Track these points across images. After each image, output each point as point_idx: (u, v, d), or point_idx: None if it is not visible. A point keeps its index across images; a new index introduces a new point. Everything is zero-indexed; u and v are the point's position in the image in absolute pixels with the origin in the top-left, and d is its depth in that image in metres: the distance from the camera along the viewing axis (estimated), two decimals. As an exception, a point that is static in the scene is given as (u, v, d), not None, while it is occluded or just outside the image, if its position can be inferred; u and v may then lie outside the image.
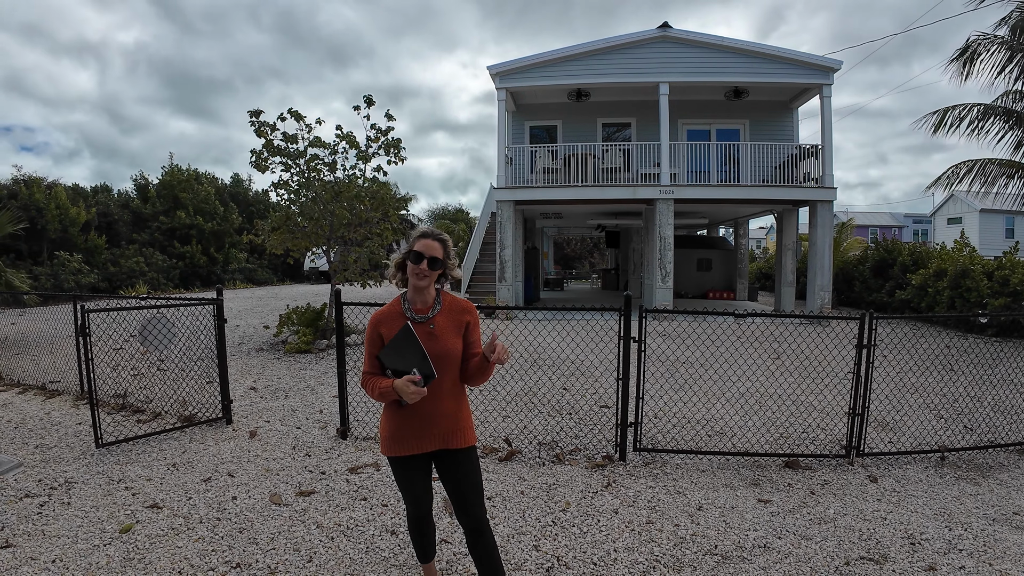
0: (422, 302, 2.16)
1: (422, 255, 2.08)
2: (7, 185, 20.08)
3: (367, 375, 2.13)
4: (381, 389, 2.03)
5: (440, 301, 2.19)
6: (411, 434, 2.12)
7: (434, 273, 2.11)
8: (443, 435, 2.15)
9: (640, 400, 4.18)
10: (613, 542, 3.00)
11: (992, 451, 4.42)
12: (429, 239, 2.11)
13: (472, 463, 2.20)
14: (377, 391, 2.05)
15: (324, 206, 8.97)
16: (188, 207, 24.23)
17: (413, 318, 2.11)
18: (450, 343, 2.13)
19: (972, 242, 12.95)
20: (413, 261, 2.09)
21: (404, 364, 2.00)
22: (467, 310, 2.23)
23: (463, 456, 2.19)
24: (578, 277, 37.68)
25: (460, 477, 2.17)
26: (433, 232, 2.14)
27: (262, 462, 4.11)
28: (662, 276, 12.98)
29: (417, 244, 2.10)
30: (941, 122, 10.62)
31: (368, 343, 2.14)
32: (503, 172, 13.61)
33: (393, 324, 2.09)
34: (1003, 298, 10.10)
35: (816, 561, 2.81)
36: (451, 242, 2.21)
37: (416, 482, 2.21)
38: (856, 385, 4.15)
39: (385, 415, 2.20)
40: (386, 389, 2.02)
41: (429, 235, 2.13)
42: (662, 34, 13.13)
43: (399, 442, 2.14)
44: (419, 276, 2.09)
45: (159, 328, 5.35)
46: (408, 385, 1.95)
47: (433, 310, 2.16)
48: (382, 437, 2.19)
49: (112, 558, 2.78)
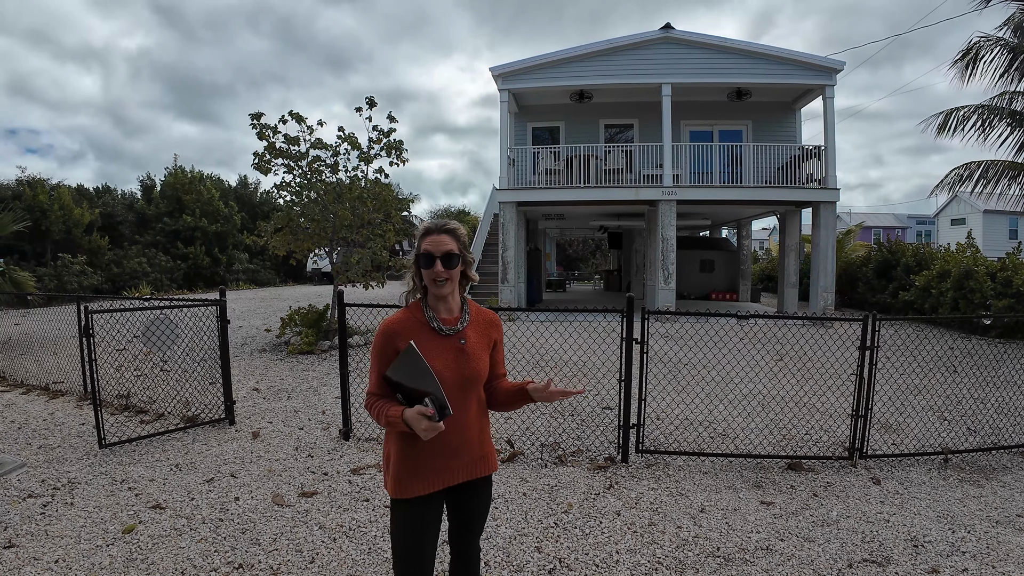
0: (447, 311, 1.80)
1: (432, 255, 1.72)
2: (11, 186, 20.18)
3: (373, 396, 1.74)
4: (389, 417, 1.65)
5: (467, 310, 1.84)
6: (432, 469, 1.74)
7: (454, 272, 1.75)
8: (470, 465, 1.81)
9: (642, 401, 4.17)
10: (615, 544, 3.00)
11: (996, 453, 4.40)
12: (435, 234, 1.75)
13: (489, 490, 1.92)
14: (384, 418, 1.67)
15: (326, 207, 8.99)
16: (194, 209, 24.32)
17: (440, 330, 1.75)
18: (482, 363, 1.81)
19: (976, 243, 12.91)
20: (424, 266, 1.73)
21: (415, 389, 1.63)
22: (495, 324, 1.91)
23: (483, 483, 1.88)
24: (580, 278, 37.65)
25: (475, 506, 1.88)
26: (438, 225, 1.77)
27: (265, 463, 4.12)
28: (664, 277, 12.96)
29: (424, 243, 1.74)
30: (945, 124, 10.60)
31: (377, 357, 1.73)
32: (505, 173, 13.62)
33: (416, 335, 1.71)
34: (1007, 299, 10.06)
35: (819, 563, 2.80)
36: (463, 230, 1.82)
37: (428, 533, 1.76)
38: (859, 387, 4.14)
39: (395, 446, 1.77)
40: (395, 418, 1.64)
41: (434, 229, 1.76)
42: (664, 35, 13.12)
43: (418, 478, 1.73)
44: (437, 281, 1.73)
45: (162, 329, 5.37)
46: (420, 419, 1.57)
47: (462, 321, 1.80)
48: (391, 474, 1.76)
49: (115, 558, 2.79)
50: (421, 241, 1.77)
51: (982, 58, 10.03)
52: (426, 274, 1.74)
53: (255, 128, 8.75)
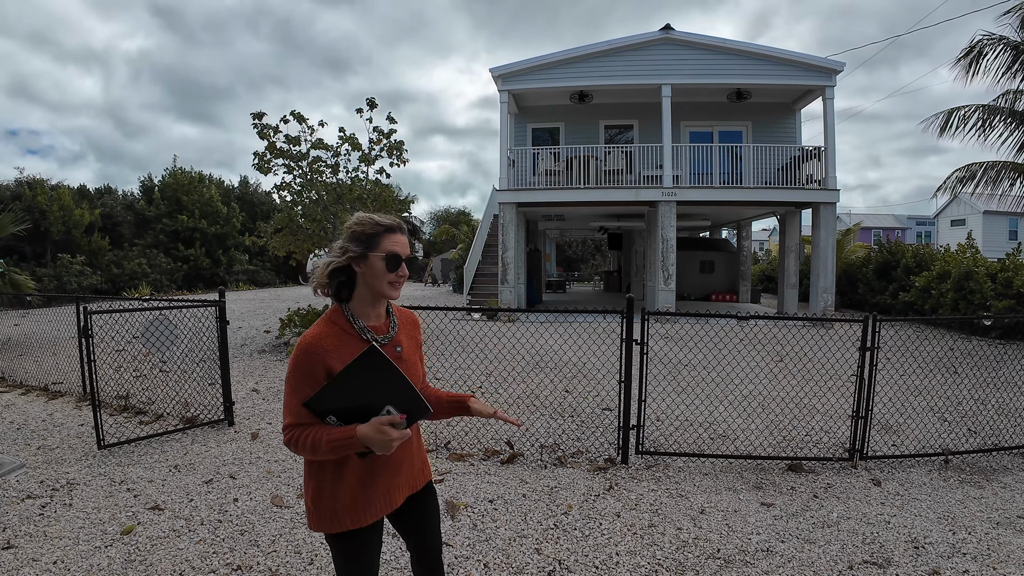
0: (376, 316, 1.62)
1: (400, 257, 1.56)
2: (11, 187, 20.19)
3: (296, 428, 1.45)
4: (333, 442, 1.39)
5: (393, 313, 1.68)
6: (377, 493, 1.58)
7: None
8: (411, 479, 1.70)
9: (642, 402, 4.16)
10: (615, 545, 2.99)
11: (996, 454, 4.39)
12: (399, 233, 1.60)
13: (435, 497, 1.82)
14: (326, 446, 1.40)
15: (327, 208, 8.98)
16: (194, 211, 24.34)
17: (374, 339, 1.57)
18: (418, 369, 1.70)
19: (976, 244, 12.91)
20: (391, 268, 1.55)
21: (363, 402, 1.41)
22: (417, 324, 1.80)
23: (427, 492, 1.78)
24: (580, 279, 37.67)
25: (425, 519, 1.76)
26: (399, 224, 1.61)
27: (264, 464, 4.11)
28: (664, 278, 12.96)
29: (389, 243, 1.56)
30: (947, 123, 10.60)
31: (302, 382, 1.46)
32: (505, 174, 13.62)
33: (348, 350, 1.49)
34: (1007, 300, 10.06)
35: (819, 565, 2.79)
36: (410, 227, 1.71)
37: (375, 555, 1.65)
38: (859, 388, 4.13)
39: (326, 480, 1.54)
40: (342, 441, 1.39)
41: (396, 228, 1.59)
42: (664, 36, 13.13)
43: (365, 508, 1.56)
44: (395, 284, 1.58)
45: (162, 330, 5.37)
46: (386, 430, 1.36)
47: (392, 326, 1.65)
48: (325, 510, 1.55)
49: (113, 560, 2.78)
50: (383, 238, 1.56)
51: (985, 56, 10.04)
52: (387, 276, 1.56)
53: (256, 128, 8.75)
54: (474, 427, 4.87)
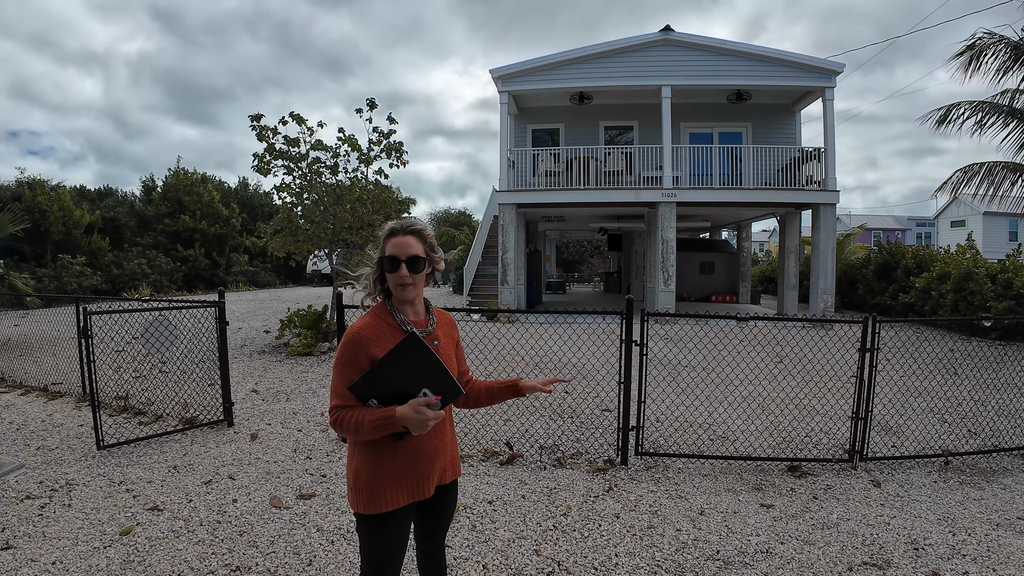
0: (415, 313, 1.75)
1: (397, 259, 1.65)
2: (11, 187, 20.19)
3: (342, 409, 1.60)
4: (374, 421, 1.53)
5: (432, 311, 1.82)
6: (412, 478, 1.69)
7: (419, 277, 1.69)
8: (443, 470, 1.79)
9: (642, 404, 4.16)
10: (614, 547, 2.99)
11: (996, 455, 4.39)
12: (401, 235, 1.68)
13: (455, 493, 1.91)
14: (368, 425, 1.53)
15: (326, 209, 8.99)
16: (194, 211, 24.35)
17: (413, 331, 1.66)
18: (453, 364, 1.80)
19: (976, 245, 12.91)
20: (389, 269, 1.66)
21: (402, 387, 1.56)
22: (454, 324, 1.93)
23: (452, 487, 1.87)
24: (580, 280, 37.66)
25: (442, 510, 1.85)
26: (404, 226, 1.71)
27: (263, 465, 4.11)
28: (664, 279, 12.96)
29: (389, 246, 1.68)
30: (945, 118, 10.58)
31: (348, 367, 1.60)
32: (505, 175, 13.63)
33: (389, 340, 1.62)
34: (1007, 301, 10.06)
35: (819, 566, 2.79)
36: (430, 231, 1.76)
37: (402, 543, 1.73)
38: (859, 389, 4.13)
39: (365, 460, 1.66)
40: (383, 420, 1.53)
41: (400, 230, 1.70)
42: (664, 37, 13.14)
43: (399, 490, 1.66)
44: (402, 286, 1.67)
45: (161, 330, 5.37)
46: (423, 410, 1.49)
47: (431, 323, 1.77)
48: (364, 491, 1.65)
49: (112, 560, 2.78)
50: (385, 242, 1.70)
51: (984, 55, 10.03)
52: (390, 278, 1.67)
53: (255, 129, 8.76)
54: (474, 428, 4.87)
